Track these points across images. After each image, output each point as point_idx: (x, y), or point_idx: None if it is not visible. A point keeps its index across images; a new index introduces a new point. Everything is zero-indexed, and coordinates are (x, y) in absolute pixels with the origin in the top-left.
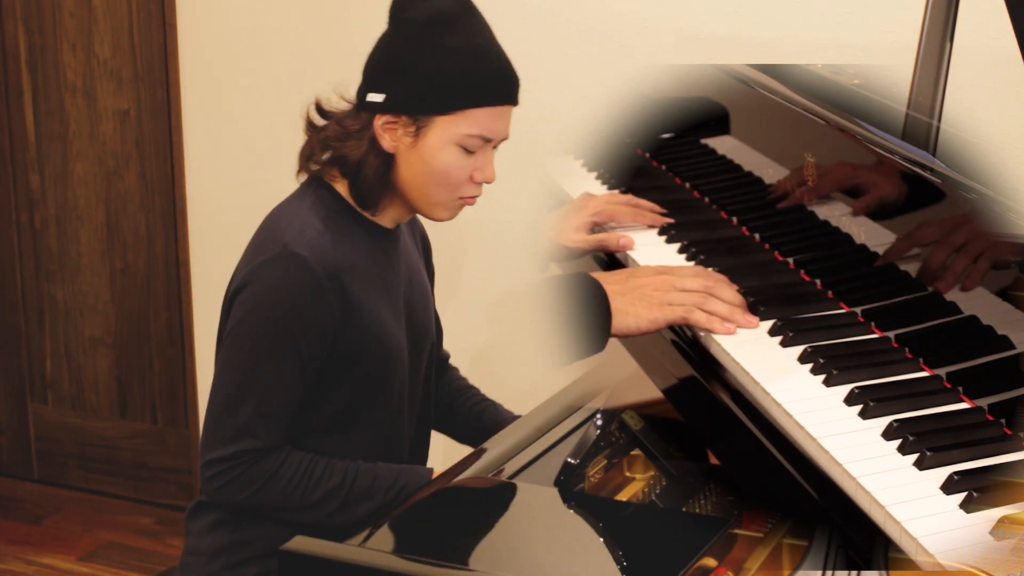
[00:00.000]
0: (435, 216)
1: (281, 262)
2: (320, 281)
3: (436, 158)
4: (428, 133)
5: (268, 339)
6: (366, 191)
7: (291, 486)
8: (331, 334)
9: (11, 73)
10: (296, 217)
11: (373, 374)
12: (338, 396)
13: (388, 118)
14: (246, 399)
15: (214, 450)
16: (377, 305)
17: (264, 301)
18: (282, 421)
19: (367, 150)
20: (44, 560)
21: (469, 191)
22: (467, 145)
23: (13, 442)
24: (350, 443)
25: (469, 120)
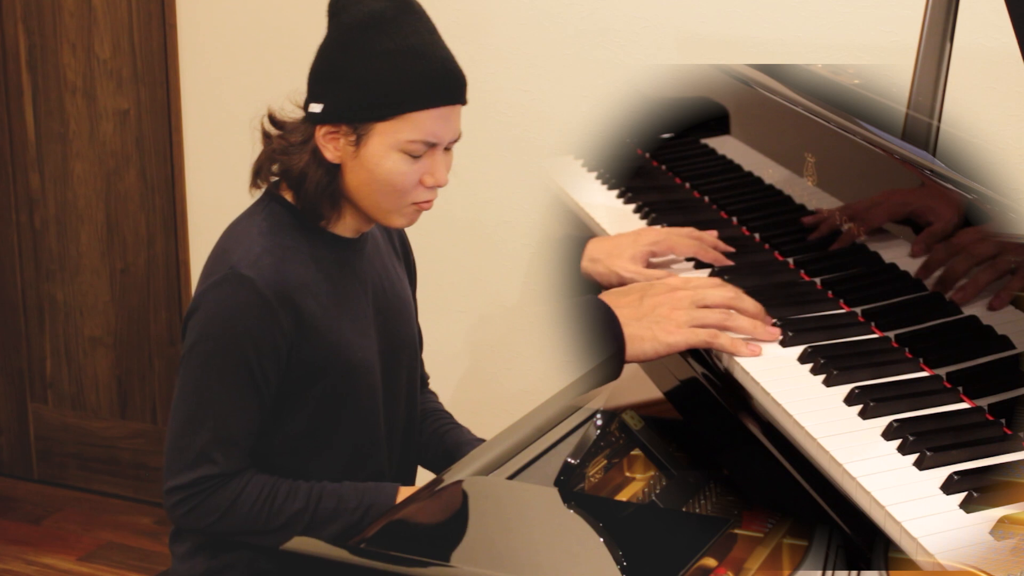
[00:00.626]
0: (391, 223)
1: (228, 285)
2: (268, 302)
3: (379, 166)
4: (369, 141)
5: (219, 363)
6: (310, 204)
7: (254, 511)
8: (285, 354)
9: (11, 73)
10: (245, 236)
11: (337, 391)
12: (302, 416)
13: (328, 128)
14: (202, 425)
15: (174, 477)
16: (336, 320)
17: (213, 325)
18: (241, 445)
19: (308, 162)
20: (44, 560)
21: (421, 196)
22: (410, 151)
23: (13, 442)
24: (323, 463)
25: (409, 125)
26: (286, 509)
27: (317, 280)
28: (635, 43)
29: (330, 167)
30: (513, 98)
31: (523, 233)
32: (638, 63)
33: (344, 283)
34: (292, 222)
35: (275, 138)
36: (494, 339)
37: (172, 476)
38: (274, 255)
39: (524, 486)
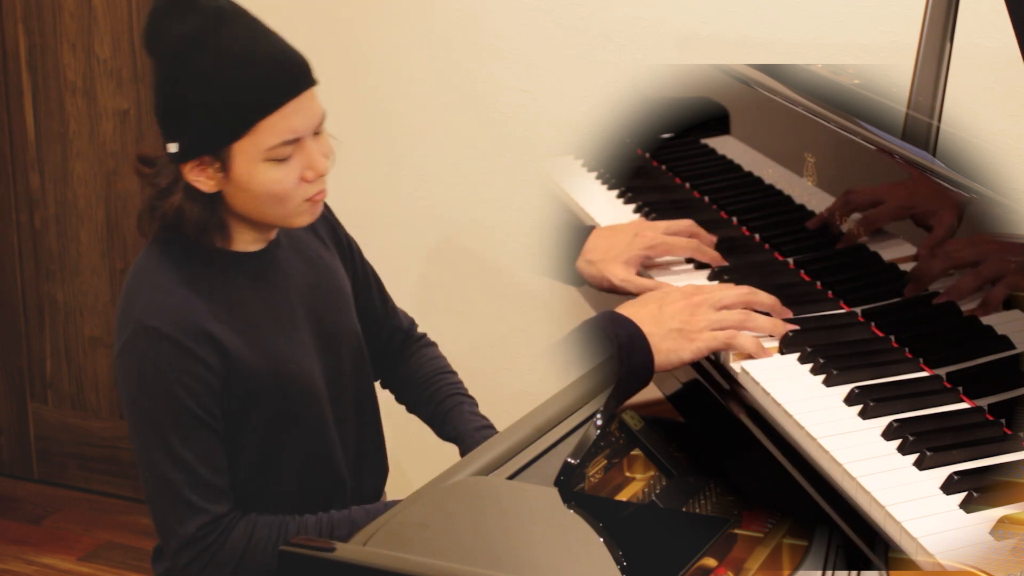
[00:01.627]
0: (294, 225)
1: (138, 342)
2: (182, 344)
3: (252, 182)
4: (233, 163)
5: (163, 417)
6: (196, 239)
7: (269, 550)
8: (218, 389)
9: (11, 73)
10: (144, 283)
11: (279, 407)
12: (251, 441)
13: (193, 163)
14: (173, 479)
15: (173, 538)
16: (261, 338)
17: (140, 387)
18: (220, 484)
19: (181, 201)
20: (44, 560)
21: (309, 191)
22: (276, 156)
23: (13, 442)
24: (280, 482)
25: (264, 133)
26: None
27: (230, 304)
28: (635, 43)
29: (207, 198)
30: (513, 98)
31: (523, 233)
32: (638, 63)
33: (261, 297)
34: (188, 255)
35: (145, 189)
36: (494, 339)
37: (171, 537)
38: (175, 295)
39: (524, 486)
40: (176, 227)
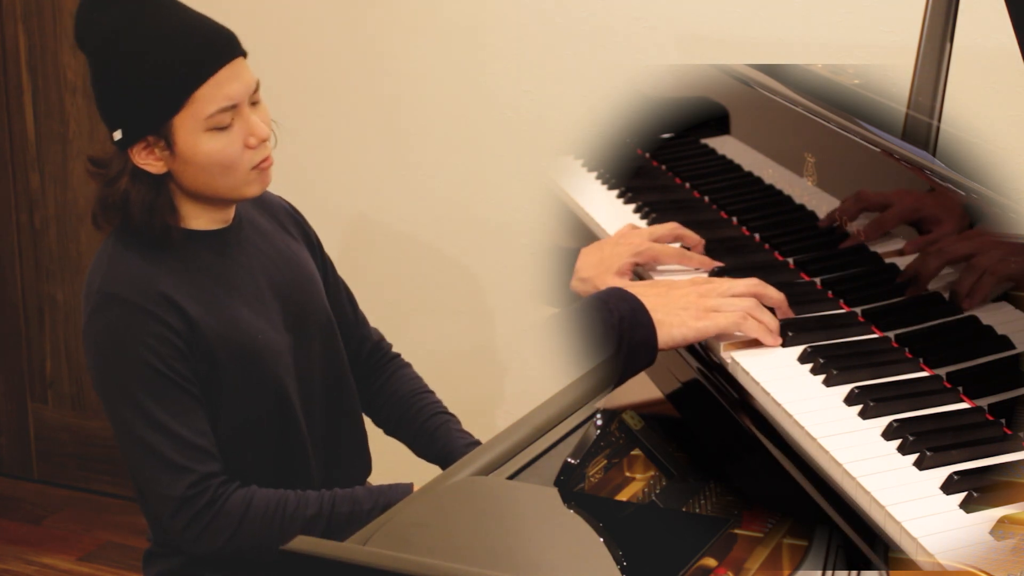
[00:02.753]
0: (245, 195)
1: (102, 309)
2: (143, 307)
3: (198, 153)
4: (177, 138)
5: (132, 382)
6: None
7: (266, 522)
8: (185, 350)
9: (11, 73)
10: (102, 262)
11: (245, 378)
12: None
13: (139, 147)
14: (156, 443)
15: (166, 502)
16: (225, 309)
17: (107, 353)
18: (204, 443)
19: (126, 185)
20: (44, 560)
21: (255, 158)
22: (217, 124)
23: (13, 442)
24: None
25: (201, 102)
26: (299, 516)
27: (194, 279)
28: (635, 43)
29: (152, 179)
30: (513, 98)
31: (523, 233)
32: (638, 63)
33: (223, 271)
34: (143, 238)
35: (96, 180)
36: (494, 340)
37: (162, 505)
38: (135, 266)
39: (524, 486)
40: (124, 210)
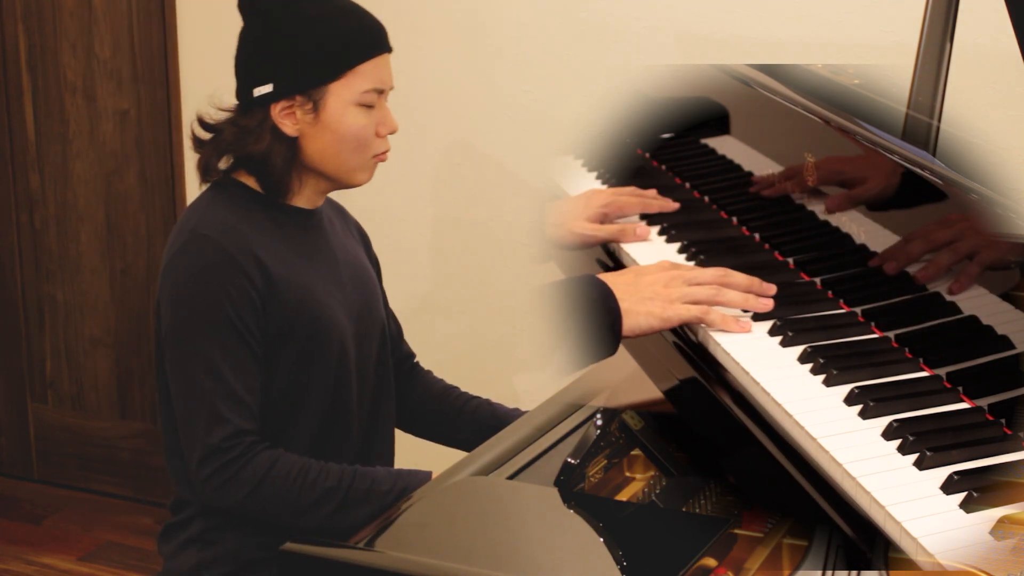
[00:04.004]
0: (354, 181)
1: (190, 248)
2: (232, 256)
3: (342, 123)
4: (327, 103)
5: (202, 323)
6: (277, 180)
7: (286, 486)
8: (260, 307)
9: (11, 73)
10: (200, 207)
11: (307, 347)
12: (278, 372)
13: (283, 104)
14: (205, 388)
15: (196, 449)
16: (303, 277)
17: (186, 290)
18: (249, 400)
19: (270, 141)
20: (44, 560)
21: (380, 147)
22: (366, 101)
23: (13, 442)
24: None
25: (360, 77)
26: (319, 485)
27: (281, 245)
28: (635, 43)
29: (290, 142)
30: (513, 98)
31: (523, 233)
32: (638, 63)
33: (310, 249)
34: (247, 197)
35: (225, 130)
36: (494, 339)
37: (194, 449)
38: (232, 219)
39: (524, 486)
40: (263, 164)
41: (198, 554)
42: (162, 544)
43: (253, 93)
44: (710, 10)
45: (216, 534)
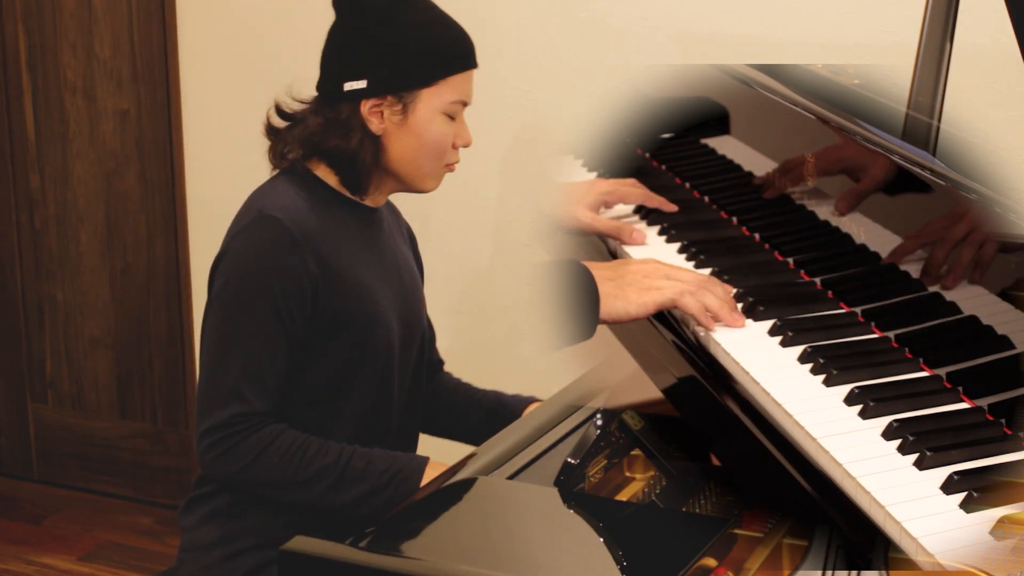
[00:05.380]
0: (425, 187)
1: (256, 225)
2: (295, 240)
3: (428, 130)
4: (416, 108)
5: (247, 300)
6: (360, 176)
7: (284, 460)
8: (310, 295)
9: (11, 73)
10: (271, 189)
11: (358, 344)
12: (323, 368)
13: (374, 102)
14: (231, 362)
15: (207, 419)
16: (360, 273)
17: (241, 265)
18: (270, 384)
19: (360, 137)
20: (44, 560)
21: (453, 157)
22: (451, 112)
23: (13, 442)
24: (339, 419)
25: (450, 87)
26: (316, 463)
27: (343, 239)
28: (635, 43)
29: (377, 140)
30: (513, 98)
31: (523, 233)
32: (638, 63)
33: (367, 245)
34: (317, 187)
35: (309, 120)
36: (494, 339)
37: (205, 418)
38: (301, 203)
39: (524, 486)
40: (350, 160)
41: (222, 527)
42: (184, 517)
43: (344, 87)
44: (710, 10)
45: (242, 508)
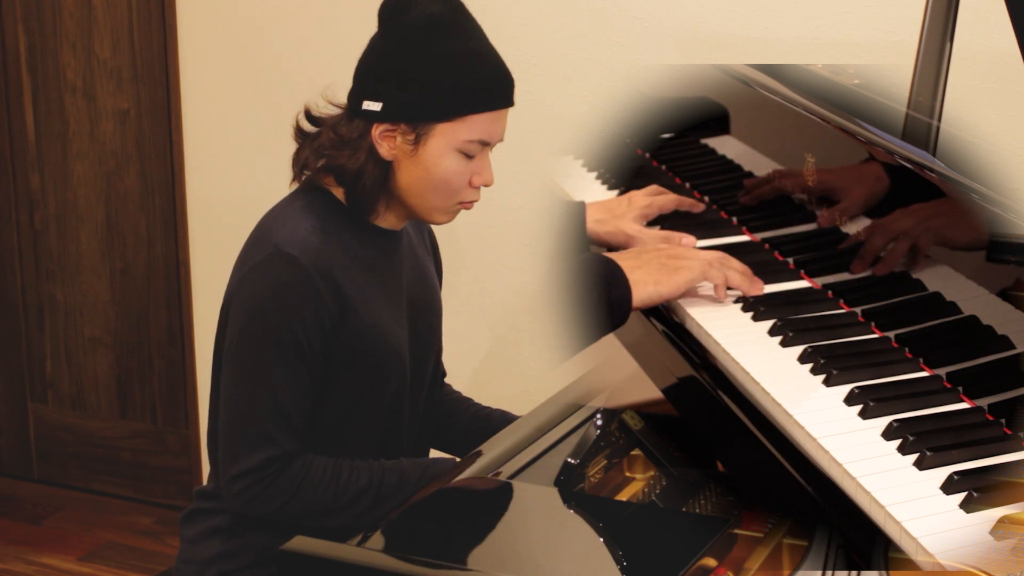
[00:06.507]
0: (434, 221)
1: (273, 263)
2: (313, 279)
3: (437, 165)
4: (429, 140)
5: (270, 341)
6: (364, 199)
7: (320, 490)
8: (329, 332)
9: (11, 73)
10: (288, 219)
11: (370, 376)
12: (336, 397)
13: (386, 126)
14: (259, 406)
15: (237, 463)
16: (375, 305)
17: (260, 304)
18: (296, 423)
19: (366, 159)
20: (44, 560)
21: (469, 195)
22: (467, 151)
23: (13, 442)
24: (347, 447)
25: (469, 125)
26: (351, 487)
27: (357, 267)
28: (635, 43)
29: (383, 165)
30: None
31: (523, 233)
32: (638, 63)
33: (382, 273)
34: (334, 210)
35: (323, 132)
36: (494, 339)
37: (235, 462)
38: (317, 235)
39: (524, 486)
40: (354, 181)
41: (222, 544)
42: (185, 527)
43: (362, 105)
44: (710, 10)
45: (244, 528)
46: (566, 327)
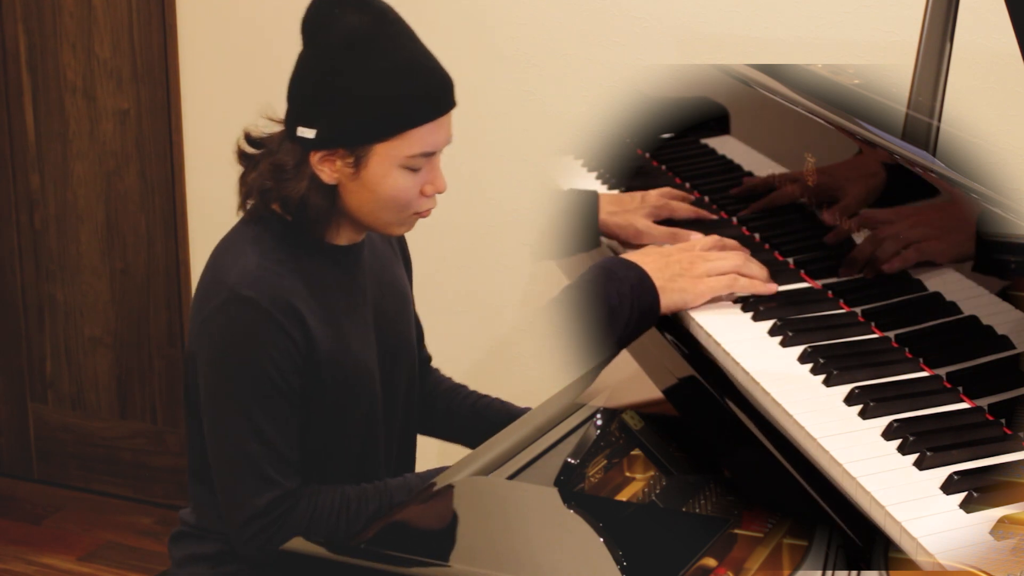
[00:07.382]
0: (392, 233)
1: (231, 308)
2: (274, 318)
3: (382, 185)
4: (369, 162)
5: (247, 387)
6: (313, 223)
7: (332, 522)
8: (300, 364)
9: (11, 73)
10: (240, 254)
11: (340, 400)
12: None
13: (324, 153)
14: (248, 449)
15: (243, 509)
16: (337, 329)
17: (228, 353)
18: (292, 457)
19: (308, 186)
20: (44, 560)
21: (423, 205)
22: (412, 165)
23: (13, 442)
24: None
25: (410, 140)
26: (361, 516)
27: (315, 292)
28: (635, 43)
29: (328, 189)
30: (513, 98)
31: (523, 233)
32: (638, 63)
33: (342, 292)
34: (284, 234)
35: (261, 163)
36: (495, 339)
37: (240, 510)
38: (270, 270)
39: (524, 486)
40: (299, 210)
41: (210, 570)
42: (173, 547)
43: (296, 131)
44: (710, 10)
45: (231, 557)
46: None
